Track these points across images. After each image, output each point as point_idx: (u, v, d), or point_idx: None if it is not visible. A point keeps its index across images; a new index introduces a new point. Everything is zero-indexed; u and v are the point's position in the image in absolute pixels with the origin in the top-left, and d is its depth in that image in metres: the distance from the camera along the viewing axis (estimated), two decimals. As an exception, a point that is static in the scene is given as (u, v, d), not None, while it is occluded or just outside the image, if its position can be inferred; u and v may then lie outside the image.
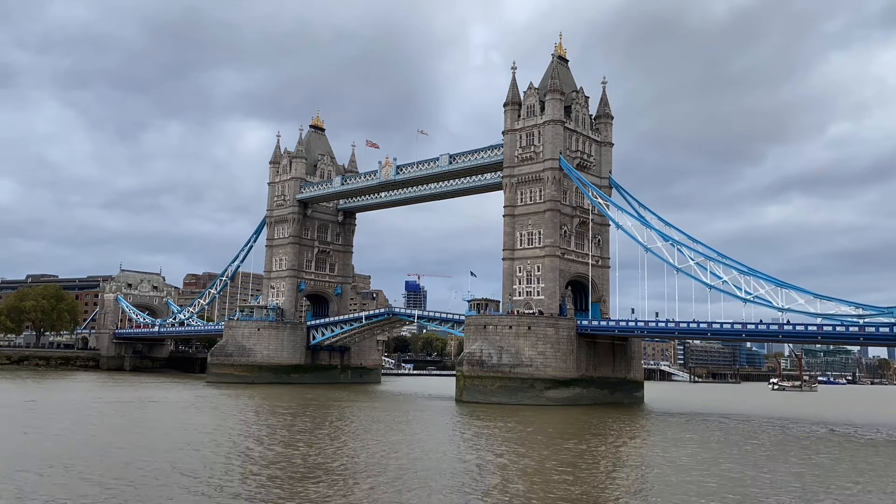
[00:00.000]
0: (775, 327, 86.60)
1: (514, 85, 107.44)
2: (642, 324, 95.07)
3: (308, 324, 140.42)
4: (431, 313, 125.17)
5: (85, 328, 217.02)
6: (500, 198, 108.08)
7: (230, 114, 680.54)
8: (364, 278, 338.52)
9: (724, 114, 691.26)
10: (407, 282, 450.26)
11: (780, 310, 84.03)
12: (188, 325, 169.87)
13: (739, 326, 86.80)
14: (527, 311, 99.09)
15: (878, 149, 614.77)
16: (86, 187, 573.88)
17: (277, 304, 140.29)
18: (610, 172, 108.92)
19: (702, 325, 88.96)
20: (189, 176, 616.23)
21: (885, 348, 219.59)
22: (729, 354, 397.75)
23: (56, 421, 57.87)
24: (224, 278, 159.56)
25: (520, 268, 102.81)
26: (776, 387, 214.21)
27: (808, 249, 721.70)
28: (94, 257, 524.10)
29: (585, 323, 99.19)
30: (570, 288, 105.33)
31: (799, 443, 58.09)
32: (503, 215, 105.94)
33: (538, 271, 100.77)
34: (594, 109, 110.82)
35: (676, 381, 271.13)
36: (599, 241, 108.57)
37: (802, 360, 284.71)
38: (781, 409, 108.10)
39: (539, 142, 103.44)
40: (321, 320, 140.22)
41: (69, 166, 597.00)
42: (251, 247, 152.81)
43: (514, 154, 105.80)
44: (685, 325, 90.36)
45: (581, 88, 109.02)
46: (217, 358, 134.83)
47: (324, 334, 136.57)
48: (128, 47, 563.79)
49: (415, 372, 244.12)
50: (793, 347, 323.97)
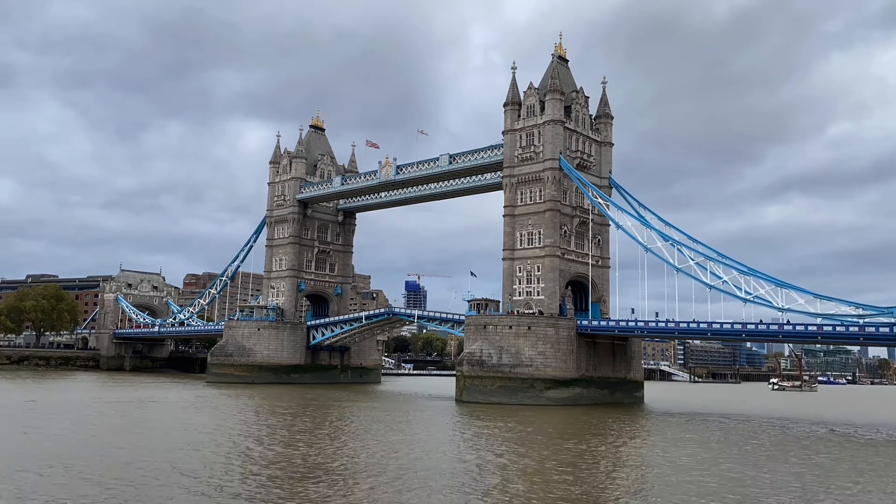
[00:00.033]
0: (775, 327, 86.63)
1: (513, 85, 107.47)
2: (642, 324, 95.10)
3: (308, 324, 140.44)
4: (431, 313, 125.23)
5: (85, 328, 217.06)
6: (500, 198, 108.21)
7: (230, 114, 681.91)
8: (364, 278, 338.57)
9: (724, 114, 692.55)
10: (407, 282, 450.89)
11: (780, 310, 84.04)
12: (188, 325, 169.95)
13: (739, 326, 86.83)
14: (527, 311, 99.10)
15: (878, 149, 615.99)
16: (86, 187, 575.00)
17: (277, 304, 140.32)
18: (610, 172, 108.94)
19: (702, 325, 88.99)
20: (189, 176, 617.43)
21: (885, 348, 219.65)
22: (729, 354, 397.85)
23: (56, 421, 57.86)
24: (224, 278, 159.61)
25: (520, 268, 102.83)
26: (776, 387, 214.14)
27: (808, 249, 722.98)
28: (94, 257, 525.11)
29: (585, 323, 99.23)
30: (570, 288, 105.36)
31: (799, 443, 58.10)
32: (503, 215, 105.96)
33: (538, 271, 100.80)
34: (594, 109, 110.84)
35: (676, 381, 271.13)
36: (599, 241, 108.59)
37: (802, 360, 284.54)
38: (781, 409, 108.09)
39: (539, 142, 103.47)
40: (321, 320, 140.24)
41: (69, 166, 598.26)
42: (251, 247, 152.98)
43: (514, 154, 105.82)
44: (685, 325, 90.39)
45: (581, 88, 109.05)
46: (217, 358, 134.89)
47: (324, 334, 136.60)
48: (128, 47, 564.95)
49: (415, 372, 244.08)
50: (793, 347, 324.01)
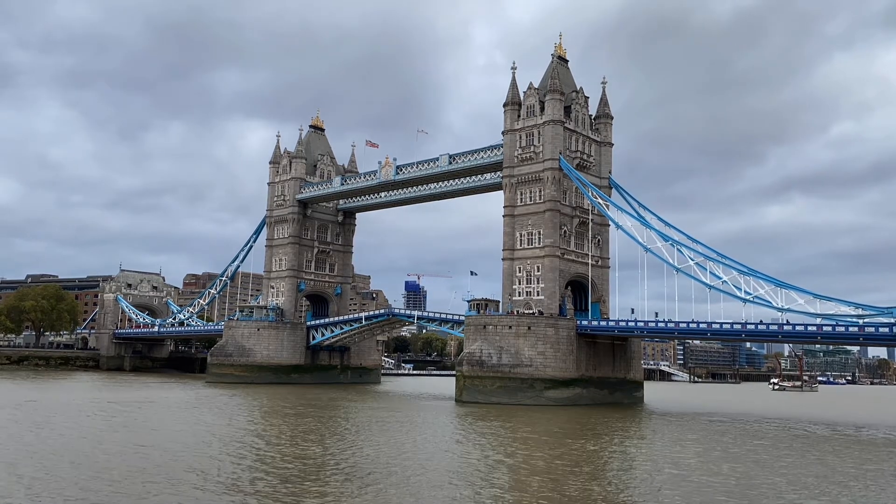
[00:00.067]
0: (775, 327, 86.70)
1: (513, 85, 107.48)
2: (642, 324, 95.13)
3: (308, 324, 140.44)
4: (431, 314, 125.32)
5: (85, 328, 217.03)
6: (500, 198, 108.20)
7: (232, 114, 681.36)
8: (364, 278, 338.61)
9: (726, 114, 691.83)
10: (407, 282, 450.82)
11: (779, 310, 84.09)
12: (188, 325, 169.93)
13: (739, 326, 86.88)
14: (527, 311, 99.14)
15: (879, 149, 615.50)
16: (87, 187, 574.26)
17: (277, 304, 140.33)
18: (610, 172, 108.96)
19: (702, 325, 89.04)
20: (190, 176, 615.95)
21: (885, 348, 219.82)
22: (729, 354, 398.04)
23: (58, 420, 57.86)
24: (224, 278, 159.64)
25: (520, 268, 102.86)
26: (776, 387, 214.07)
27: (809, 249, 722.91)
28: (94, 257, 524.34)
29: (585, 323, 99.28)
30: (569, 288, 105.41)
31: (801, 442, 58.12)
32: (503, 215, 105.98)
33: (538, 271, 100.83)
34: (594, 110, 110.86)
35: (676, 381, 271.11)
36: (599, 241, 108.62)
37: (803, 361, 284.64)
38: (782, 409, 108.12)
39: (539, 142, 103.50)
40: (321, 320, 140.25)
41: (70, 166, 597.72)
42: (251, 247, 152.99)
43: (513, 154, 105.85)
44: (685, 325, 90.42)
45: (581, 88, 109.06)
46: (217, 358, 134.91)
47: (323, 334, 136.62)
48: (130, 47, 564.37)
49: (415, 372, 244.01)
50: (793, 347, 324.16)
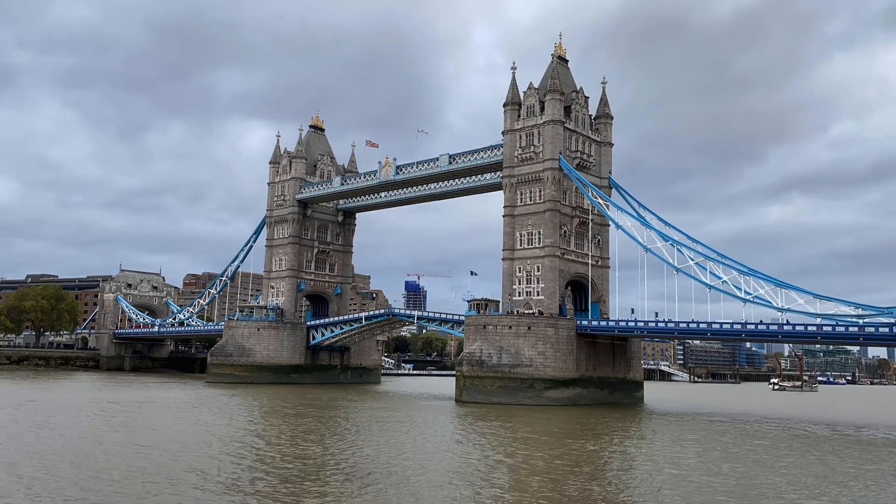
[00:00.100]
0: (775, 327, 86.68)
1: (513, 85, 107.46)
2: (642, 324, 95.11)
3: (308, 324, 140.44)
4: (431, 314, 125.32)
5: (85, 328, 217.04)
6: (500, 198, 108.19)
7: (232, 114, 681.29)
8: (364, 278, 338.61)
9: (726, 114, 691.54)
10: (407, 282, 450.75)
11: (779, 310, 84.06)
12: (188, 325, 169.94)
13: (739, 326, 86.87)
14: (527, 311, 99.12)
15: (879, 149, 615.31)
16: (87, 187, 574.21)
17: (277, 304, 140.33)
18: (610, 172, 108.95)
19: (702, 325, 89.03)
20: (190, 176, 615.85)
21: (885, 348, 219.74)
22: (729, 354, 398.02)
23: (58, 420, 57.86)
24: (224, 278, 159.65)
25: (520, 268, 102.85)
26: (776, 387, 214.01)
27: (809, 249, 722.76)
28: (94, 257, 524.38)
29: (585, 323, 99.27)
30: (569, 288, 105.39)
31: (802, 442, 58.10)
32: (503, 215, 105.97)
33: (538, 271, 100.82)
34: (594, 110, 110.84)
35: (676, 381, 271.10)
36: (599, 241, 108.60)
37: (803, 361, 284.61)
38: (782, 409, 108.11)
39: (539, 142, 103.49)
40: (321, 320, 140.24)
41: (71, 166, 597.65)
42: (251, 247, 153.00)
43: (513, 154, 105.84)
44: (685, 325, 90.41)
45: (581, 88, 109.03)
46: (217, 358, 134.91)
47: (323, 334, 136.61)
48: (130, 47, 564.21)
49: (414, 372, 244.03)
50: (793, 347, 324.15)
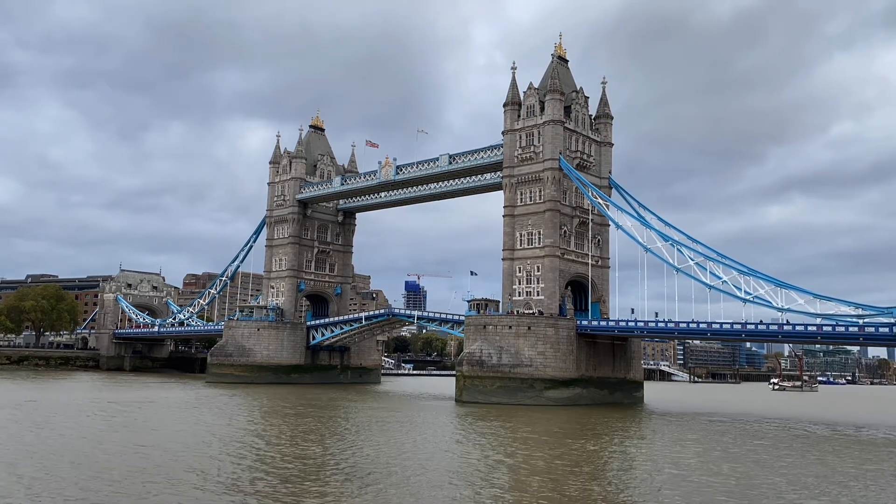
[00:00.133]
0: (775, 327, 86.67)
1: (513, 85, 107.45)
2: (642, 324, 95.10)
3: (308, 324, 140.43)
4: (431, 314, 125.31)
5: (85, 328, 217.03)
6: (500, 198, 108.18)
7: (232, 114, 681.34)
8: (364, 278, 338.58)
9: (726, 114, 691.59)
10: (407, 282, 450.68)
11: (779, 310, 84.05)
12: (188, 325, 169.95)
13: (739, 326, 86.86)
14: (527, 311, 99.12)
15: (879, 149, 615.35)
16: (87, 187, 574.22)
17: (277, 304, 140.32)
18: (610, 172, 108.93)
19: (702, 325, 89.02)
20: (190, 176, 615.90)
21: (885, 348, 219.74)
22: (729, 354, 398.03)
23: (58, 420, 57.87)
24: (224, 278, 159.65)
25: (520, 268, 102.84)
26: (776, 387, 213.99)
27: (809, 249, 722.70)
28: (94, 257, 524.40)
29: (585, 323, 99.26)
30: (569, 288, 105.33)
31: (802, 442, 58.10)
32: (503, 215, 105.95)
33: (538, 271, 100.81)
34: (594, 110, 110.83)
35: (676, 381, 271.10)
36: (599, 241, 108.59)
37: (803, 361, 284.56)
38: (782, 409, 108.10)
39: (539, 142, 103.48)
40: (321, 320, 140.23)
41: (71, 166, 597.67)
42: (251, 247, 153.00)
43: (513, 154, 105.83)
44: (685, 325, 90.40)
45: (581, 88, 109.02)
46: (217, 358, 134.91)
47: (323, 334, 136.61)
48: (130, 47, 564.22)
49: (414, 372, 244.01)
50: (793, 347, 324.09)
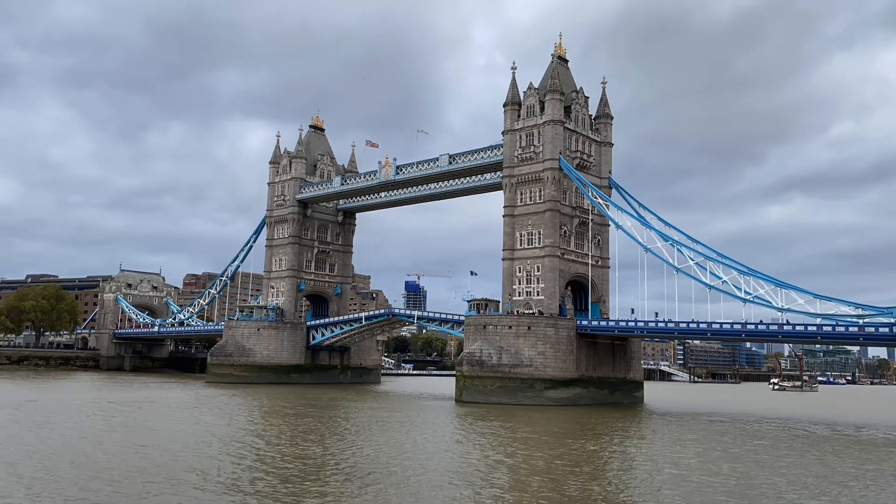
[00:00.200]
0: (775, 327, 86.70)
1: (513, 85, 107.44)
2: (642, 324, 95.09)
3: (308, 324, 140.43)
4: (431, 314, 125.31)
5: (85, 328, 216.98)
6: (500, 198, 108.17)
7: (232, 114, 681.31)
8: (364, 278, 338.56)
9: (726, 114, 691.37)
10: (407, 282, 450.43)
11: (779, 310, 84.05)
12: (188, 325, 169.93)
13: (739, 326, 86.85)
14: (527, 311, 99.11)
15: (880, 149, 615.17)
16: (87, 187, 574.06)
17: (277, 304, 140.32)
18: (610, 172, 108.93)
19: (702, 325, 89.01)
20: (190, 176, 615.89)
21: (885, 348, 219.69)
22: (729, 354, 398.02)
23: (58, 420, 57.86)
24: (224, 278, 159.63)
25: (520, 268, 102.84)
26: (776, 387, 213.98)
27: (809, 249, 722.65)
28: (94, 257, 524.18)
29: (585, 323, 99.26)
30: (569, 288, 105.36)
31: (802, 442, 58.10)
32: (503, 215, 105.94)
33: (538, 271, 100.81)
34: (594, 110, 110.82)
35: (676, 381, 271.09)
36: (599, 241, 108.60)
37: (803, 361, 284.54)
38: (782, 409, 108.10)
39: (539, 142, 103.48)
40: (321, 320, 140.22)
41: (71, 166, 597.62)
42: (251, 247, 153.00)
43: (513, 154, 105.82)
44: (685, 325, 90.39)
45: (581, 88, 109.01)
46: (217, 358, 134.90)
47: (323, 334, 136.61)
48: (130, 47, 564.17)
49: (414, 372, 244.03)
50: (793, 347, 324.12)
